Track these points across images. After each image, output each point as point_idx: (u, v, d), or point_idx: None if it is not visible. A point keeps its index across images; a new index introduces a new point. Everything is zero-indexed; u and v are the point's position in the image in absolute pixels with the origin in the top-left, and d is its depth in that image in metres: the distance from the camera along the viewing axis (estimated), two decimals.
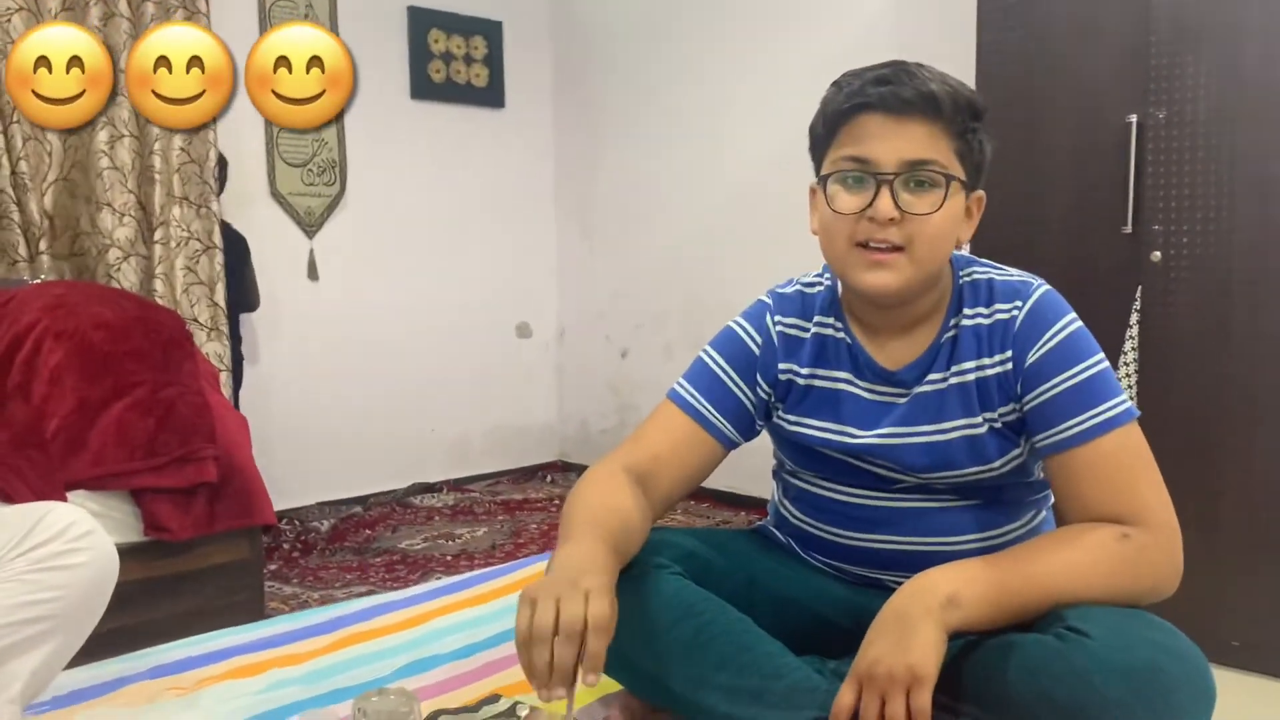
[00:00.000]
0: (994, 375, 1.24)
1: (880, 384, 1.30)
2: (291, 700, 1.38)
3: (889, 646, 1.05)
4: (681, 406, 1.35)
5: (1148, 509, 1.15)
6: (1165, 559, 1.14)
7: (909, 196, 1.18)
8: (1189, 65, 2.35)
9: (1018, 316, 1.23)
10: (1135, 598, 1.12)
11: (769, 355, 1.35)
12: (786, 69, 3.82)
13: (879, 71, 1.20)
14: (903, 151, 1.18)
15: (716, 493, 4.15)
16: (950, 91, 1.18)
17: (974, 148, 1.21)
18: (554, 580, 1.05)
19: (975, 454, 1.25)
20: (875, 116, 1.19)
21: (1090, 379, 1.19)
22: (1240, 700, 1.40)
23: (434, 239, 4.54)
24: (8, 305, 2.53)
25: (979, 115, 1.21)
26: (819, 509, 1.37)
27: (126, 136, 3.41)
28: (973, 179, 1.23)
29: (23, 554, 1.16)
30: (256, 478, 2.60)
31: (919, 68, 1.20)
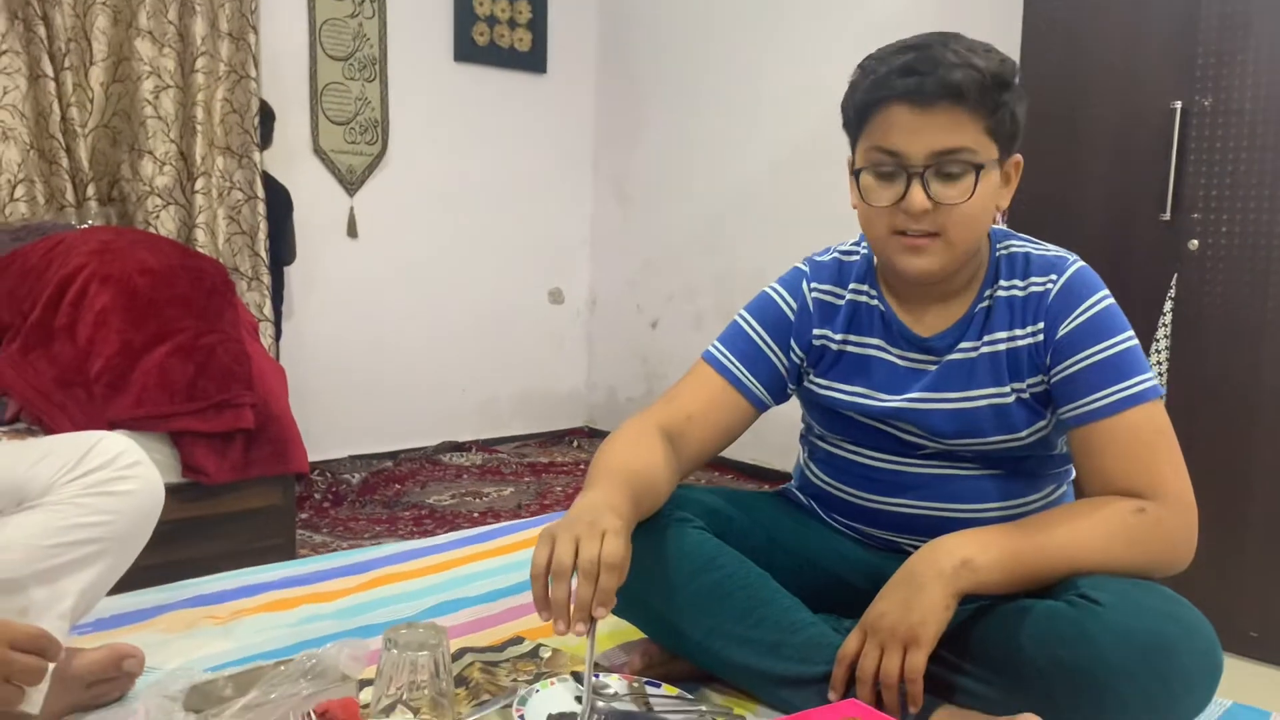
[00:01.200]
0: (1025, 346, 1.26)
1: (912, 350, 1.32)
2: (323, 634, 1.43)
3: (896, 603, 1.10)
4: (716, 368, 1.38)
5: (1166, 484, 1.16)
6: (1180, 534, 1.16)
7: (940, 186, 1.19)
8: (1238, 53, 2.33)
9: (1052, 290, 1.25)
10: (1148, 570, 1.15)
11: (804, 321, 1.37)
12: (829, 39, 3.80)
13: (904, 59, 1.17)
14: (931, 143, 1.17)
15: (740, 464, 4.19)
16: (976, 74, 1.15)
17: (1005, 120, 1.20)
18: (573, 520, 1.09)
19: (1001, 423, 1.27)
20: (901, 108, 1.18)
21: (1119, 354, 1.20)
22: (1257, 691, 1.42)
23: (471, 201, 4.58)
24: (56, 248, 2.59)
25: (1008, 85, 1.18)
26: (844, 472, 1.39)
27: (171, 87, 3.46)
28: (1006, 148, 1.22)
29: (76, 479, 1.20)
30: (292, 426, 2.66)
31: (944, 46, 1.17)
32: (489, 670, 1.31)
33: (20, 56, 3.19)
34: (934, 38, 1.19)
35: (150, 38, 3.42)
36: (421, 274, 4.44)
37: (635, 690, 1.23)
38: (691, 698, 1.24)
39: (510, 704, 1.16)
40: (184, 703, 1.09)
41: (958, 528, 1.27)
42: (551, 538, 1.07)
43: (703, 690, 1.28)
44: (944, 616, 1.08)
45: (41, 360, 2.37)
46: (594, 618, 1.04)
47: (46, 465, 1.21)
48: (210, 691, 1.13)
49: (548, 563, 1.06)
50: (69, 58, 3.28)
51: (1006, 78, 1.18)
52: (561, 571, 1.04)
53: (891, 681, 1.09)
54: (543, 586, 1.06)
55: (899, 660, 1.08)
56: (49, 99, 3.22)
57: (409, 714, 1.12)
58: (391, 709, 1.13)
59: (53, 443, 1.26)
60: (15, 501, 1.19)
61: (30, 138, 3.22)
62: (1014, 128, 1.21)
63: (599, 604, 1.04)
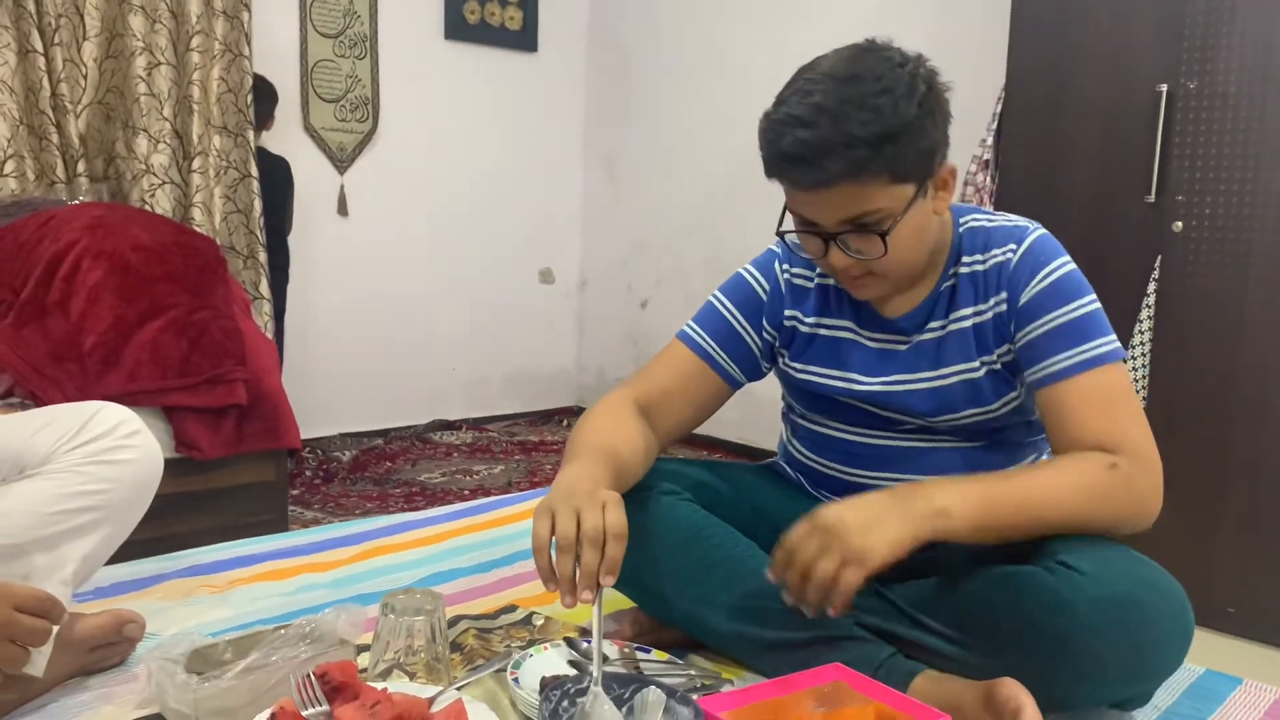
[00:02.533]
0: (990, 318, 1.28)
1: (881, 332, 1.35)
2: (319, 602, 1.46)
3: (857, 518, 1.09)
4: (690, 346, 1.41)
5: (1131, 439, 1.18)
6: (1148, 487, 1.18)
7: (859, 242, 1.20)
8: (1223, 37, 2.36)
9: (1012, 259, 1.27)
10: (1116, 525, 1.17)
11: (776, 301, 1.40)
12: (824, 17, 3.81)
13: (789, 139, 1.15)
14: (836, 214, 1.19)
15: (728, 443, 4.22)
16: (856, 153, 1.13)
17: (909, 163, 1.17)
18: (569, 492, 1.11)
19: (973, 397, 1.30)
20: (795, 189, 1.20)
21: (1081, 317, 1.22)
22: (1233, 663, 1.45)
23: (462, 180, 4.58)
24: (48, 224, 2.59)
25: (897, 136, 1.14)
26: (825, 448, 1.42)
27: (163, 64, 3.45)
28: (924, 175, 1.20)
29: (76, 447, 1.22)
30: (284, 403, 2.68)
31: (830, 119, 1.13)
32: (483, 636, 1.34)
33: (9, 31, 3.18)
34: (813, 89, 1.17)
35: (143, 13, 3.40)
36: (412, 252, 4.45)
37: (626, 655, 1.26)
38: (681, 662, 1.27)
39: (504, 668, 1.18)
40: (185, 665, 1.11)
41: None
42: (550, 511, 1.09)
43: (691, 656, 1.31)
44: (897, 553, 1.07)
45: (35, 335, 2.38)
46: (602, 585, 1.06)
47: (47, 434, 1.23)
48: (211, 655, 1.15)
49: (550, 535, 1.07)
50: (59, 33, 3.26)
51: (899, 128, 1.14)
52: (566, 543, 1.05)
53: (821, 582, 1.07)
54: (547, 559, 1.07)
55: (833, 569, 1.06)
56: (39, 74, 3.21)
57: (405, 677, 1.15)
58: (388, 672, 1.16)
59: (53, 412, 1.28)
60: (17, 469, 1.21)
61: (20, 113, 3.22)
62: (925, 158, 1.19)
63: (607, 573, 1.05)
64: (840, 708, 1.08)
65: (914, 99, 1.16)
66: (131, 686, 1.20)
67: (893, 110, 1.14)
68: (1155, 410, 2.47)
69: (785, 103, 1.20)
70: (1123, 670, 1.08)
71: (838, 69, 1.19)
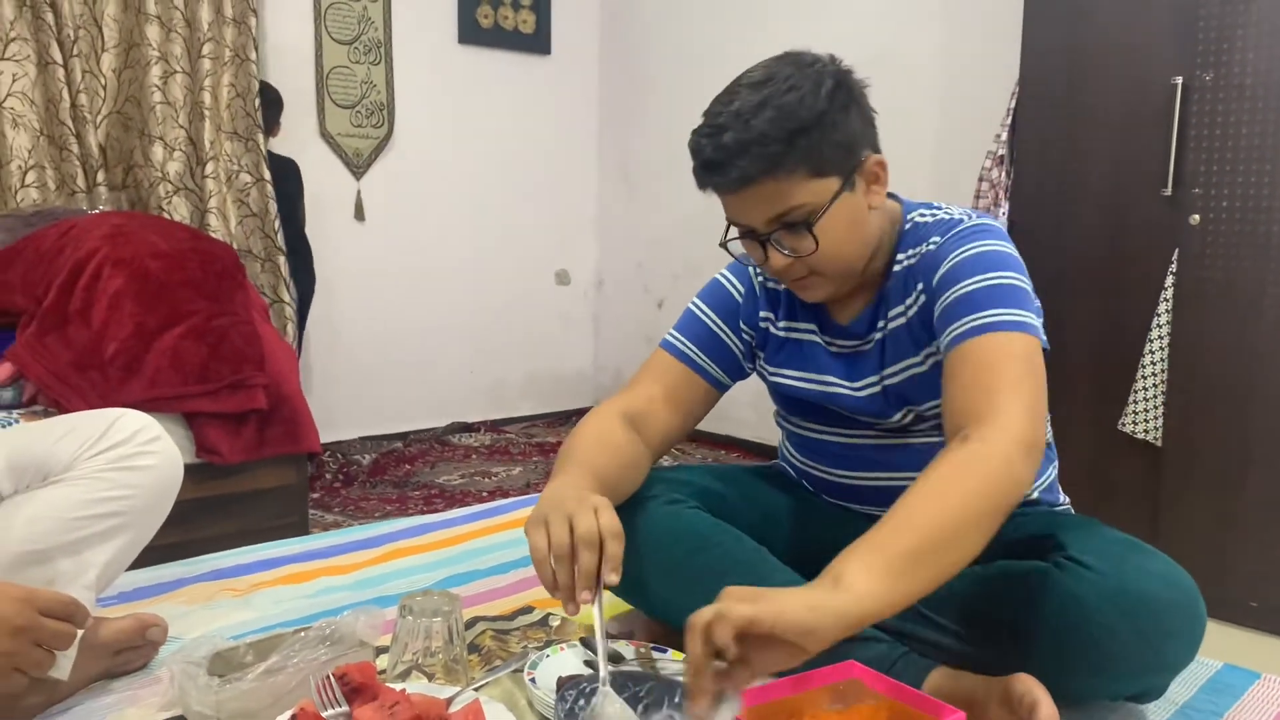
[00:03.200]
0: (916, 311, 1.27)
1: (838, 338, 1.36)
2: (339, 604, 1.47)
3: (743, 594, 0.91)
4: (673, 353, 1.44)
5: (998, 411, 1.05)
6: (1000, 466, 1.01)
7: (791, 240, 1.22)
8: (1238, 28, 2.34)
9: (933, 250, 1.25)
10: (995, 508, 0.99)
11: (751, 303, 1.43)
12: (834, 22, 3.81)
13: (704, 148, 1.21)
14: (762, 214, 1.21)
15: (745, 443, 4.22)
16: (765, 149, 1.15)
17: (826, 154, 1.18)
18: (558, 502, 1.11)
19: (927, 390, 1.28)
20: (724, 193, 1.24)
21: (984, 288, 1.16)
22: (1253, 657, 1.44)
23: (477, 183, 4.60)
24: (69, 233, 2.62)
25: (808, 127, 1.16)
26: (811, 450, 1.44)
27: (179, 73, 3.49)
28: (848, 166, 1.21)
29: (98, 454, 1.24)
30: (303, 407, 2.70)
31: (736, 120, 1.17)
32: (500, 638, 1.35)
33: (29, 44, 3.22)
34: (730, 97, 1.21)
35: (158, 23, 3.44)
36: (428, 256, 4.47)
37: (643, 655, 1.26)
38: None
39: (521, 668, 1.19)
40: (207, 668, 1.12)
41: None
42: (544, 521, 1.09)
43: None
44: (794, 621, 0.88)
45: (57, 344, 2.41)
46: (607, 585, 1.06)
47: (69, 441, 1.25)
48: (232, 657, 1.17)
49: (548, 545, 1.07)
50: (78, 45, 3.30)
51: (807, 121, 1.16)
52: (562, 553, 1.06)
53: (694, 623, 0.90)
54: (549, 570, 1.08)
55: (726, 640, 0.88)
56: (58, 86, 3.25)
57: (424, 678, 1.16)
58: (407, 674, 1.17)
59: (75, 420, 1.30)
60: (40, 476, 1.23)
61: (40, 124, 3.25)
62: (843, 151, 1.20)
63: (610, 570, 1.06)
64: (855, 704, 1.08)
65: (820, 93, 1.18)
66: (155, 689, 1.21)
67: (798, 104, 1.17)
68: (1174, 403, 2.47)
69: (708, 114, 1.25)
70: (1135, 663, 1.08)
71: (755, 76, 1.22)
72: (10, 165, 3.19)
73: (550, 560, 1.07)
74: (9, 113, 3.18)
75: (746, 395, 1.47)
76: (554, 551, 1.06)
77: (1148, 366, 2.53)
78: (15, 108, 3.20)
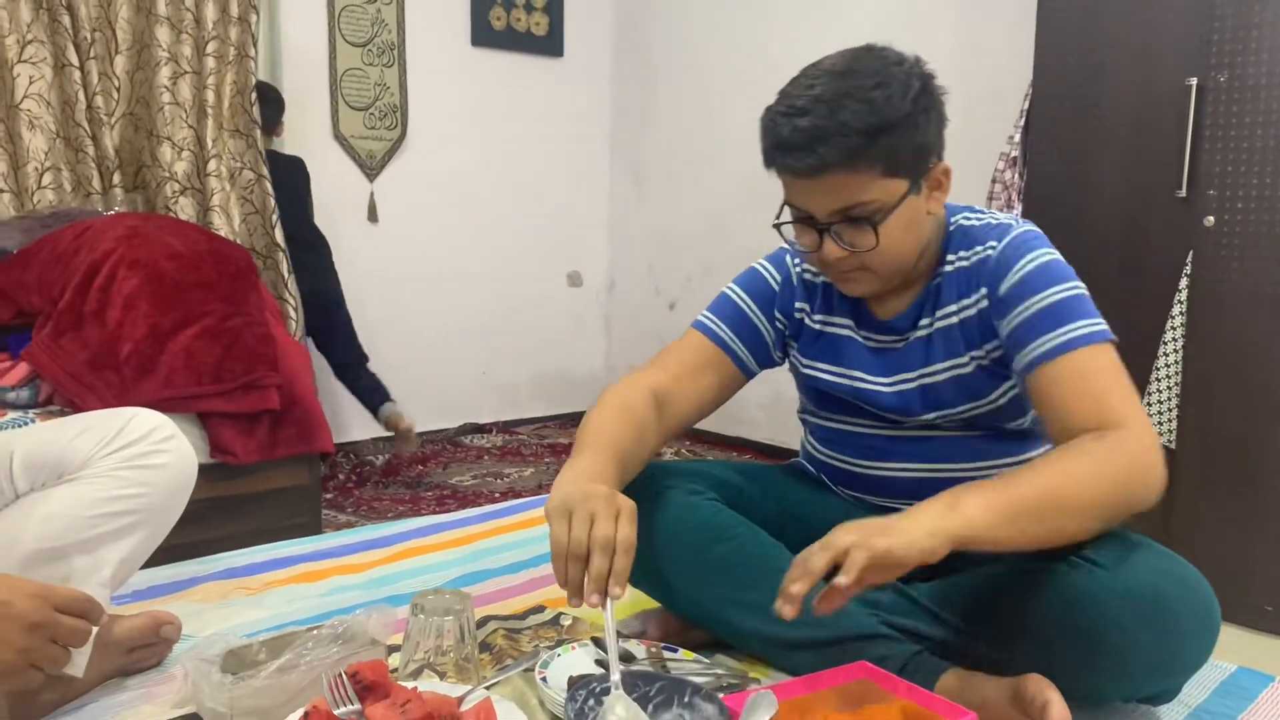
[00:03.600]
0: (974, 314, 1.29)
1: (876, 333, 1.37)
2: (352, 603, 1.48)
3: (872, 527, 1.03)
4: (705, 333, 1.46)
5: (1123, 415, 1.14)
6: (1146, 455, 1.12)
7: (851, 233, 1.23)
8: (1253, 29, 2.33)
9: (992, 255, 1.28)
10: (1127, 498, 1.11)
11: (787, 292, 1.45)
12: (846, 22, 3.80)
13: (786, 128, 1.20)
14: (828, 204, 1.22)
15: (757, 444, 4.22)
16: (849, 140, 1.16)
17: (903, 157, 1.20)
18: (584, 496, 1.10)
19: (966, 392, 1.31)
20: (790, 178, 1.24)
21: (1061, 301, 1.21)
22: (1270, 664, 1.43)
23: (490, 185, 4.61)
24: (85, 234, 2.64)
25: (893, 126, 1.18)
26: (836, 442, 1.45)
27: (188, 73, 3.50)
28: (918, 172, 1.23)
29: (113, 452, 1.25)
30: (316, 407, 2.72)
31: (826, 108, 1.17)
32: (512, 637, 1.36)
33: (46, 46, 3.24)
34: (812, 82, 1.21)
35: (168, 24, 3.46)
36: (441, 257, 4.48)
37: (654, 655, 1.27)
38: (708, 661, 1.28)
39: (532, 667, 1.20)
40: (220, 665, 1.13)
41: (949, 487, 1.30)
42: (568, 515, 1.09)
43: (718, 655, 1.31)
44: (921, 548, 0.99)
45: (73, 344, 2.43)
46: (612, 596, 1.06)
47: (84, 440, 1.26)
48: (245, 655, 1.17)
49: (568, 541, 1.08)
50: (94, 47, 3.32)
51: (892, 120, 1.18)
52: (578, 554, 1.06)
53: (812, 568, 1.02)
54: (564, 565, 1.08)
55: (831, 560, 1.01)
56: (74, 88, 3.27)
57: (435, 677, 1.16)
58: (419, 672, 1.17)
59: (90, 419, 1.31)
60: (55, 475, 1.24)
61: (56, 126, 3.27)
62: (918, 154, 1.22)
63: (615, 584, 1.06)
64: (866, 706, 1.08)
65: (908, 95, 1.19)
66: (169, 687, 1.22)
67: (886, 103, 1.18)
68: (1189, 407, 2.45)
69: (785, 96, 1.25)
70: (1148, 665, 1.08)
71: (837, 65, 1.23)
72: (27, 167, 3.21)
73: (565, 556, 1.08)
74: (26, 114, 3.20)
75: (758, 397, 1.48)
76: (571, 549, 1.07)
77: (1162, 369, 2.51)
78: (32, 109, 3.22)
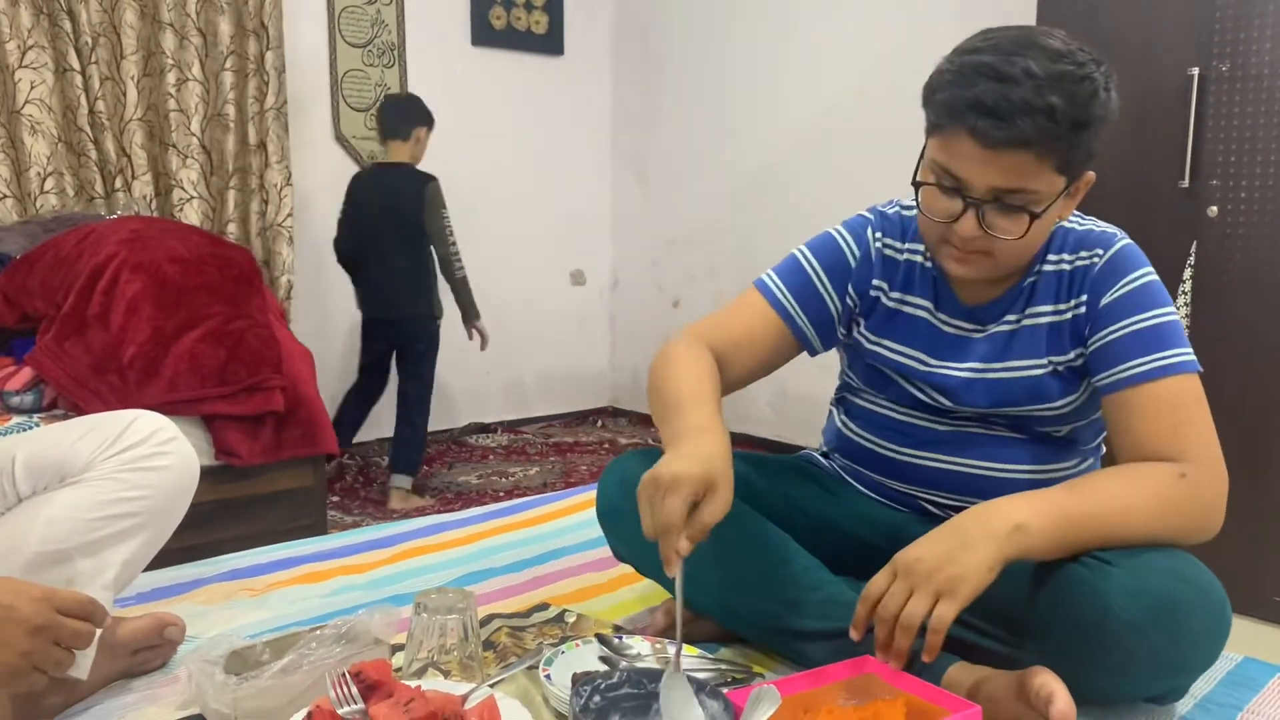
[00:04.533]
0: (1069, 319, 1.27)
1: (958, 318, 1.33)
2: (355, 603, 1.48)
3: (938, 551, 1.06)
4: (768, 298, 1.37)
5: (1199, 450, 1.17)
6: (1216, 500, 1.16)
7: (996, 217, 1.17)
8: (1255, 18, 2.32)
9: (1097, 264, 1.25)
10: (1185, 535, 1.14)
11: (865, 269, 1.37)
12: (846, 18, 3.80)
13: (981, 87, 1.12)
14: (993, 180, 1.14)
15: (763, 440, 4.21)
16: (1050, 124, 1.10)
17: (1078, 156, 1.16)
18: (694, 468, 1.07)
19: (1035, 393, 1.28)
20: (969, 140, 1.14)
21: (1158, 326, 1.21)
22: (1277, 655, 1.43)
23: (492, 185, 4.61)
24: (88, 238, 2.64)
25: (1086, 125, 1.13)
26: (881, 426, 1.40)
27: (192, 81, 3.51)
28: (1080, 171, 1.20)
29: (115, 455, 1.25)
30: (320, 409, 2.72)
31: (1027, 74, 1.10)
32: (516, 635, 1.35)
33: (46, 51, 3.24)
34: (1019, 52, 1.12)
35: (172, 30, 3.46)
36: None
37: (658, 650, 1.26)
38: (712, 656, 1.27)
39: (536, 665, 1.20)
40: (224, 666, 1.13)
41: (987, 486, 1.30)
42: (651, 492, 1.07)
43: (722, 649, 1.31)
44: (986, 577, 1.04)
45: (76, 348, 2.43)
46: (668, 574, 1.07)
47: (87, 442, 1.26)
48: (249, 655, 1.17)
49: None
50: (96, 51, 3.33)
51: (1090, 118, 1.13)
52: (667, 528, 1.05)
53: (911, 624, 1.04)
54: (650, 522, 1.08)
55: (926, 607, 1.03)
56: (76, 93, 3.27)
57: (439, 675, 1.16)
58: (423, 671, 1.17)
59: (92, 421, 1.31)
60: (59, 477, 1.24)
61: (58, 131, 3.28)
62: (1087, 158, 1.18)
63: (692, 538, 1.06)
64: (872, 699, 1.08)
65: (1105, 97, 1.15)
66: (173, 688, 1.22)
67: (1090, 100, 1.13)
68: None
69: (980, 52, 1.15)
70: (1157, 664, 1.07)
71: (1037, 40, 1.15)
72: (29, 172, 3.22)
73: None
74: (27, 119, 3.21)
75: (765, 394, 1.46)
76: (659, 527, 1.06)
77: None
78: (34, 114, 3.23)
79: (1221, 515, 1.17)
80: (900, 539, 1.24)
